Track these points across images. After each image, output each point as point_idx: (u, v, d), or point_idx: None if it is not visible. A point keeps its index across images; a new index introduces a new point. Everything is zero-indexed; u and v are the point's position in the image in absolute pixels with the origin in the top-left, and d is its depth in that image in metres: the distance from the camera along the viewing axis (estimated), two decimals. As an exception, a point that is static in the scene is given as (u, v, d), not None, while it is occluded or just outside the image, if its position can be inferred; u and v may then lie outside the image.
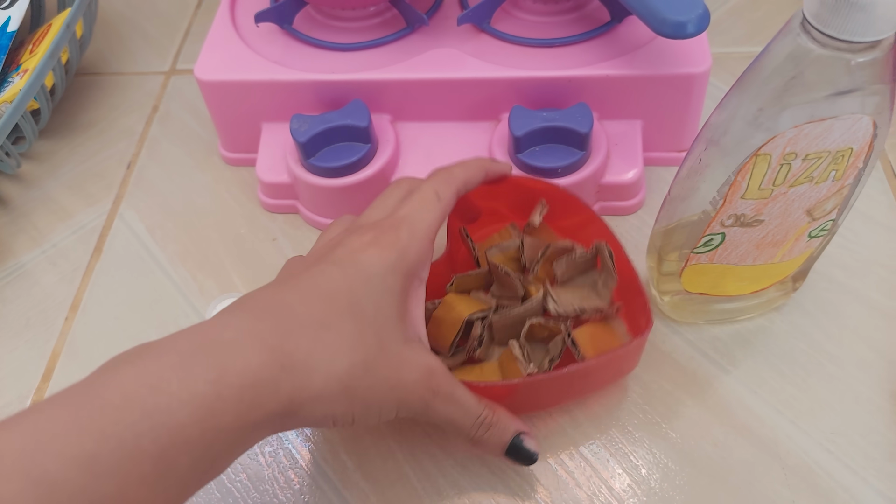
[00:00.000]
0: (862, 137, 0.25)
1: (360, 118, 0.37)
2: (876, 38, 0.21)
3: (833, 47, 0.22)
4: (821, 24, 0.22)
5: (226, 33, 0.42)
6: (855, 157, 0.26)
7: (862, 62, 0.22)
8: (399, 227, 0.27)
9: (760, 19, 0.49)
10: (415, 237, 0.27)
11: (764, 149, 0.25)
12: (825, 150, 0.25)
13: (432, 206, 0.29)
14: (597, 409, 0.33)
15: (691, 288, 0.33)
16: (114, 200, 0.44)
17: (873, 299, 0.35)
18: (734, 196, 0.27)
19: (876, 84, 0.23)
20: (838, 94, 0.23)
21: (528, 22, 0.41)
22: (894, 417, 0.32)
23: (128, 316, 0.39)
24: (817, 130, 0.24)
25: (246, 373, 0.22)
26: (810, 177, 0.26)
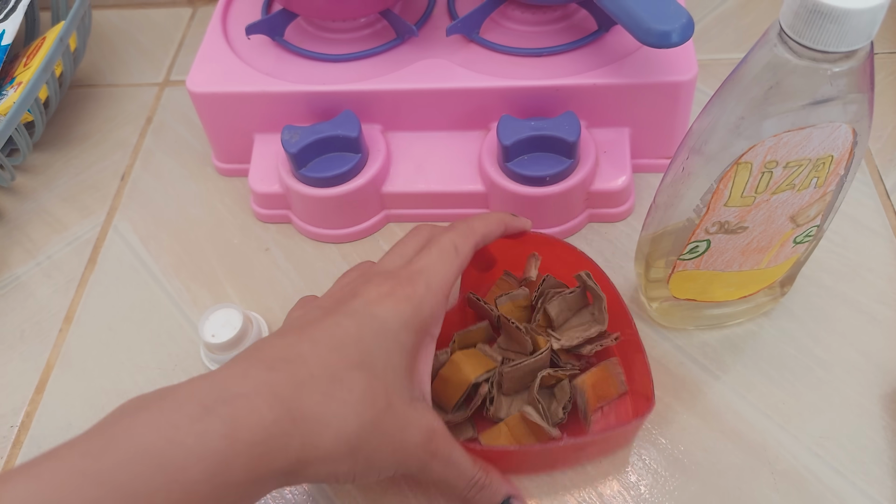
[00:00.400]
0: (842, 145, 0.25)
1: (350, 128, 0.38)
2: (850, 48, 0.22)
3: (809, 57, 0.22)
4: (796, 34, 0.22)
5: (217, 45, 0.42)
6: (836, 165, 0.26)
7: (838, 72, 0.23)
8: (416, 280, 0.27)
9: (748, 26, 0.50)
10: (431, 291, 0.27)
11: (744, 157, 0.25)
12: (805, 158, 0.25)
13: (450, 260, 0.28)
14: (587, 416, 0.33)
15: (679, 294, 0.33)
16: (108, 212, 0.45)
17: (861, 303, 0.36)
18: (717, 204, 0.27)
19: (854, 93, 0.23)
20: (816, 104, 0.23)
21: (516, 32, 0.41)
22: (882, 421, 0.32)
23: (122, 327, 0.39)
24: (797, 139, 0.24)
25: (258, 428, 0.22)
26: (792, 184, 0.26)
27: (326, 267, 0.40)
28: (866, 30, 0.21)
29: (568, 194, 0.37)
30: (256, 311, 0.38)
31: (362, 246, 0.41)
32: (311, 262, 0.40)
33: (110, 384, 0.37)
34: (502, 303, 0.34)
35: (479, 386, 0.32)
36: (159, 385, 0.36)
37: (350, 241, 0.41)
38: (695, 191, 0.27)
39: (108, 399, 0.36)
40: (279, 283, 0.40)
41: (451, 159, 0.40)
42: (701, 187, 0.27)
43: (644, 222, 0.32)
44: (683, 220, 0.29)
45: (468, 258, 0.29)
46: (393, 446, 0.25)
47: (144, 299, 0.40)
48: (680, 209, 0.29)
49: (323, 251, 0.41)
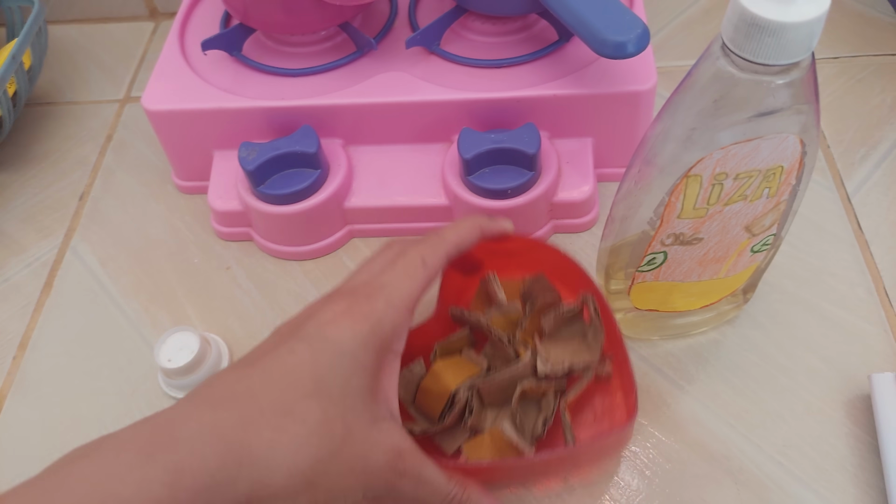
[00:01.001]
0: (791, 155, 0.25)
1: (308, 144, 0.37)
2: (790, 60, 0.22)
3: (751, 70, 0.22)
4: (737, 48, 0.22)
5: (174, 62, 0.42)
6: (787, 175, 0.26)
7: (781, 84, 0.23)
8: (375, 297, 0.26)
9: (711, 33, 0.50)
10: (391, 307, 0.26)
11: (694, 170, 0.25)
12: (755, 170, 0.25)
13: (415, 274, 0.27)
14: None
15: (641, 305, 0.33)
16: (66, 232, 0.44)
17: (824, 309, 0.36)
18: (670, 216, 0.27)
19: (799, 104, 0.23)
20: (762, 115, 0.23)
21: (476, 43, 0.41)
22: (845, 428, 0.32)
23: (79, 352, 0.38)
24: (745, 150, 0.24)
25: (202, 473, 0.21)
26: (744, 195, 0.26)
27: (289, 285, 0.40)
28: (805, 42, 0.21)
29: (530, 206, 0.37)
30: (217, 331, 0.37)
31: (325, 263, 0.40)
32: (273, 281, 0.40)
33: (67, 412, 0.36)
34: (494, 316, 0.33)
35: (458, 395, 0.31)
36: (117, 411, 0.36)
37: (313, 258, 0.41)
38: (648, 203, 0.27)
39: (64, 427, 0.35)
40: (240, 302, 0.39)
41: (414, 173, 0.40)
42: (654, 200, 0.27)
43: (602, 234, 0.32)
44: (639, 231, 0.29)
45: (437, 270, 0.28)
46: (356, 472, 0.24)
47: (102, 322, 0.39)
48: (635, 221, 0.28)
49: (285, 269, 0.40)
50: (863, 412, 0.32)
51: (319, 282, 0.40)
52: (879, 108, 0.44)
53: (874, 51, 0.48)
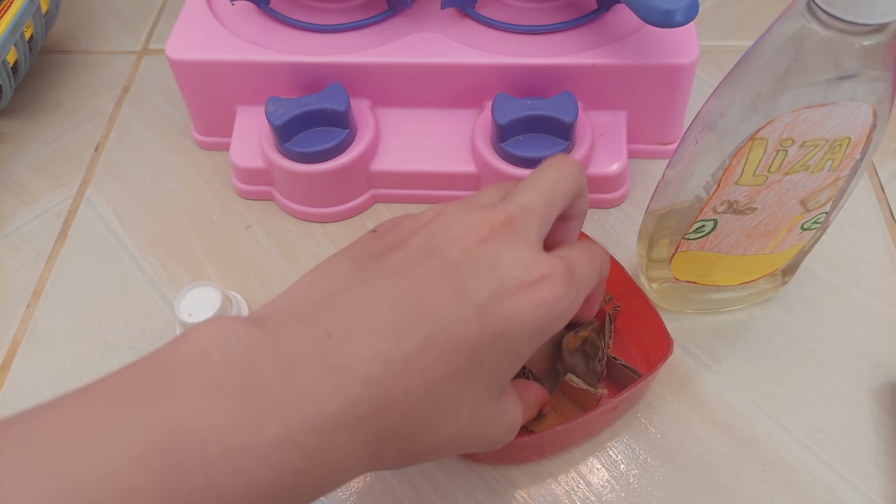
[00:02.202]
0: (861, 127, 0.24)
1: (338, 102, 0.36)
2: (881, 20, 0.21)
3: (837, 29, 0.22)
4: (826, 3, 0.21)
5: (200, 11, 0.40)
6: (852, 148, 0.25)
7: (866, 46, 0.22)
8: (568, 280, 0.21)
9: (747, 12, 0.49)
10: (576, 301, 0.22)
11: (760, 133, 0.24)
12: (822, 138, 0.24)
13: (595, 277, 0.24)
14: (577, 404, 0.32)
15: (680, 276, 0.32)
16: (80, 184, 0.43)
17: (854, 296, 0.35)
18: (728, 181, 0.27)
19: (878, 70, 0.23)
20: (839, 79, 0.23)
21: (513, 8, 0.40)
22: (872, 414, 0.32)
23: (93, 304, 0.37)
24: (815, 116, 0.24)
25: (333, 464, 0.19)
26: (806, 165, 0.26)
27: (310, 247, 0.39)
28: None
29: (562, 177, 0.36)
30: (236, 290, 0.37)
31: (348, 226, 0.40)
32: (294, 242, 0.39)
33: (80, 363, 0.35)
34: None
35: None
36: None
37: (335, 221, 0.40)
38: (705, 167, 0.27)
39: (77, 379, 0.35)
40: (260, 262, 0.38)
41: (443, 138, 0.39)
42: (712, 164, 0.26)
43: (650, 200, 0.31)
44: (692, 197, 0.28)
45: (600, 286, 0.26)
46: (461, 448, 0.23)
47: (118, 275, 0.38)
48: (689, 186, 0.28)
49: (306, 230, 0.39)
50: (890, 399, 0.32)
51: (341, 245, 0.39)
52: (915, 97, 0.44)
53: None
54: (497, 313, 0.20)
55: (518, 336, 0.21)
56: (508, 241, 0.21)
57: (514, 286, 0.20)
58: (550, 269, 0.21)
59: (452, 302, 0.20)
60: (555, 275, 0.21)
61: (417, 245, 0.22)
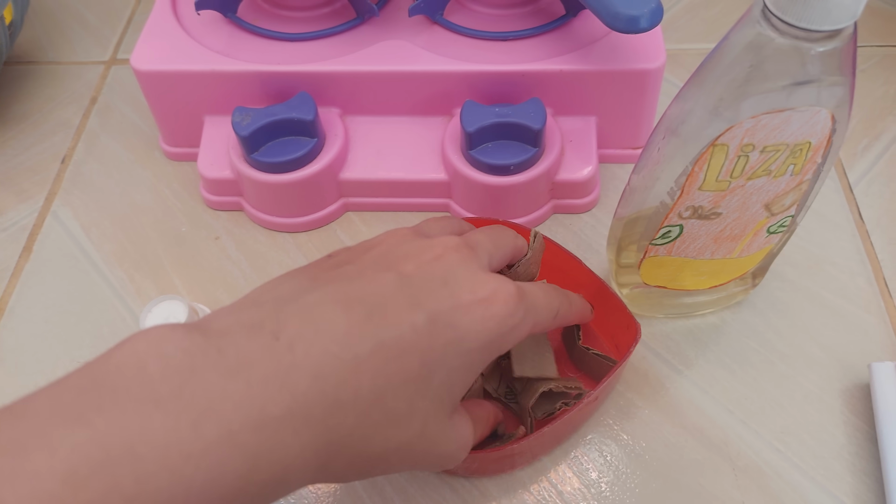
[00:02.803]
0: (820, 131, 0.25)
1: (305, 111, 0.36)
2: (833, 27, 0.21)
3: (792, 36, 0.22)
4: (780, 11, 0.21)
5: (166, 21, 0.40)
6: (813, 152, 0.25)
7: (821, 52, 0.22)
8: (522, 300, 0.22)
9: (715, 16, 0.49)
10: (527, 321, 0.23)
11: (721, 139, 0.24)
12: (783, 143, 0.25)
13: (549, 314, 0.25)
14: (548, 412, 0.32)
15: (650, 280, 0.32)
16: (46, 197, 0.42)
17: (824, 298, 0.36)
18: (692, 187, 0.27)
19: (835, 76, 0.23)
20: (797, 85, 0.23)
21: (481, 14, 0.40)
22: (843, 416, 0.32)
23: (59, 320, 0.37)
24: (775, 122, 0.24)
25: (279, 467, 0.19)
26: (768, 170, 0.26)
27: (280, 258, 0.38)
28: (851, 8, 0.21)
29: (533, 184, 0.36)
30: (205, 303, 0.36)
31: (319, 236, 0.39)
32: (264, 252, 0.39)
33: (45, 380, 0.34)
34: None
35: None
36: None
37: (306, 231, 0.39)
38: (669, 173, 0.27)
39: (42, 396, 0.34)
40: (230, 273, 0.38)
41: (413, 146, 0.39)
42: (676, 170, 0.26)
43: (617, 206, 0.31)
44: (657, 203, 0.28)
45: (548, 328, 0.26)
46: (413, 462, 0.22)
47: (84, 290, 0.38)
48: (654, 192, 0.28)
49: (276, 241, 0.39)
50: (860, 401, 0.32)
51: (312, 255, 0.38)
52: (883, 99, 0.44)
53: (879, 41, 0.47)
54: (449, 322, 0.21)
55: (469, 346, 0.21)
56: (462, 260, 0.23)
57: (466, 299, 0.21)
58: (502, 286, 0.22)
59: (405, 310, 0.20)
60: (506, 292, 0.22)
61: (371, 260, 0.22)
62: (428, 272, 0.22)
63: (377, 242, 0.24)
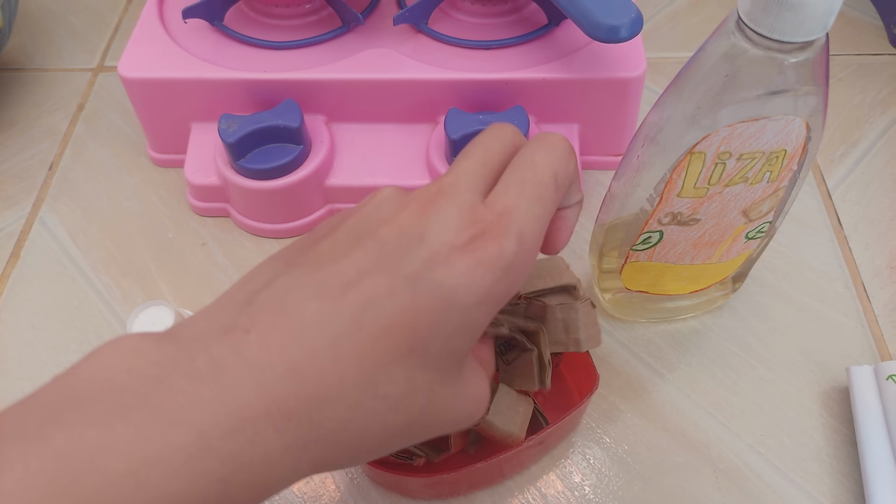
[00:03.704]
0: (795, 139, 0.25)
1: (291, 118, 0.36)
2: (805, 38, 0.22)
3: (765, 47, 0.22)
4: (753, 22, 0.22)
5: (153, 29, 0.40)
6: (789, 160, 0.26)
7: (794, 62, 0.23)
8: (504, 231, 0.19)
9: (697, 25, 0.50)
10: (523, 248, 0.19)
11: (698, 147, 0.25)
12: (759, 151, 0.25)
13: (547, 199, 0.20)
14: (532, 416, 0.33)
15: (631, 286, 0.33)
16: (34, 203, 0.42)
17: (803, 302, 0.36)
18: (670, 194, 0.27)
19: (808, 85, 0.23)
20: (771, 94, 0.23)
21: (465, 23, 0.40)
22: (821, 419, 0.32)
23: (45, 326, 0.37)
24: (750, 130, 0.24)
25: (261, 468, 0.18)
26: (745, 177, 0.26)
27: (267, 263, 0.38)
28: (822, 20, 0.21)
29: (516, 190, 0.37)
30: (191, 309, 0.36)
31: (305, 241, 0.39)
32: (251, 258, 0.39)
33: (31, 387, 0.34)
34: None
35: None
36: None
37: (292, 237, 0.40)
38: (649, 180, 0.27)
39: (27, 403, 0.34)
40: (216, 279, 0.38)
41: (398, 153, 0.39)
42: (655, 177, 0.27)
43: (598, 212, 0.32)
44: (637, 209, 0.29)
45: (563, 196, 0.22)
46: (424, 435, 0.20)
47: (71, 296, 0.38)
48: (634, 199, 0.28)
49: (263, 247, 0.39)
50: (839, 404, 0.33)
51: (298, 261, 0.39)
52: (859, 107, 0.45)
53: (855, 50, 0.48)
54: (432, 282, 0.18)
55: (464, 304, 0.18)
56: (438, 208, 0.19)
57: (444, 251, 0.18)
58: (480, 225, 0.19)
59: (381, 279, 0.18)
60: (486, 231, 0.19)
61: (346, 231, 0.20)
62: (404, 232, 0.19)
63: (357, 208, 0.21)
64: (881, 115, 0.44)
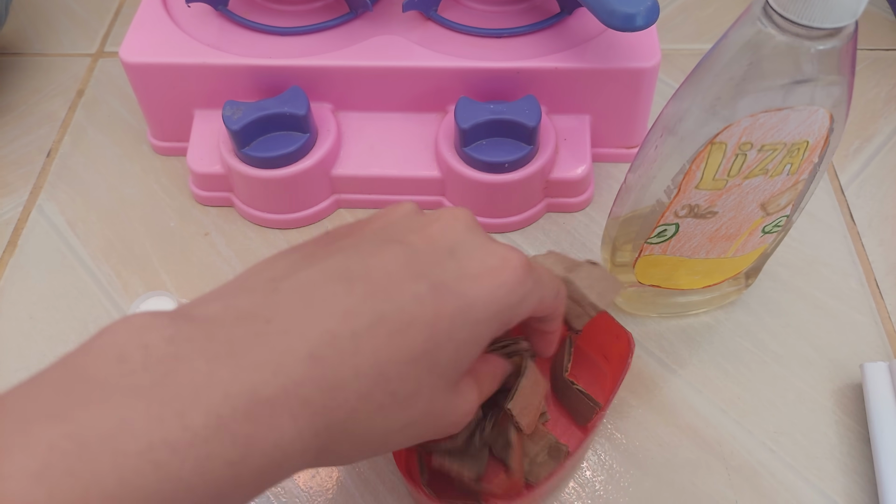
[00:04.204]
0: (818, 131, 0.24)
1: (298, 106, 0.35)
2: (835, 24, 0.21)
3: (793, 33, 0.22)
4: (782, 7, 0.21)
5: (155, 13, 0.39)
6: (810, 152, 0.25)
7: (821, 50, 0.22)
8: (530, 267, 0.22)
9: (709, 17, 0.49)
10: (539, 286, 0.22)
11: (719, 137, 0.24)
12: (780, 142, 0.24)
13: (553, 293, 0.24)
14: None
15: (644, 280, 0.32)
16: (31, 191, 0.41)
17: (816, 298, 0.36)
18: (688, 186, 0.26)
19: (834, 75, 0.23)
20: (796, 83, 0.23)
21: (476, 11, 0.40)
22: (835, 416, 0.32)
23: (44, 316, 0.36)
24: (773, 120, 0.24)
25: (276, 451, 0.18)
26: (765, 169, 0.26)
27: (270, 254, 0.38)
28: (853, 6, 0.21)
29: (526, 182, 0.36)
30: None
31: (310, 232, 0.39)
32: (255, 249, 0.38)
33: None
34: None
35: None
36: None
37: (297, 227, 0.39)
38: (666, 172, 0.26)
39: (26, 394, 0.33)
40: (219, 270, 0.37)
41: (406, 142, 0.38)
42: (673, 168, 0.26)
43: (612, 205, 0.31)
44: (653, 202, 0.28)
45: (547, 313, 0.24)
46: (417, 437, 0.21)
47: (70, 286, 0.37)
48: (650, 191, 0.28)
49: (267, 237, 0.39)
50: (852, 401, 0.32)
51: (303, 252, 0.38)
52: (874, 101, 0.44)
53: (869, 45, 0.48)
54: (455, 292, 0.20)
55: (477, 317, 0.20)
56: (469, 230, 0.22)
57: (473, 268, 0.20)
58: (511, 255, 0.21)
59: (408, 282, 0.19)
60: (515, 259, 0.21)
61: (372, 234, 0.21)
62: (434, 243, 0.21)
63: (379, 216, 0.23)
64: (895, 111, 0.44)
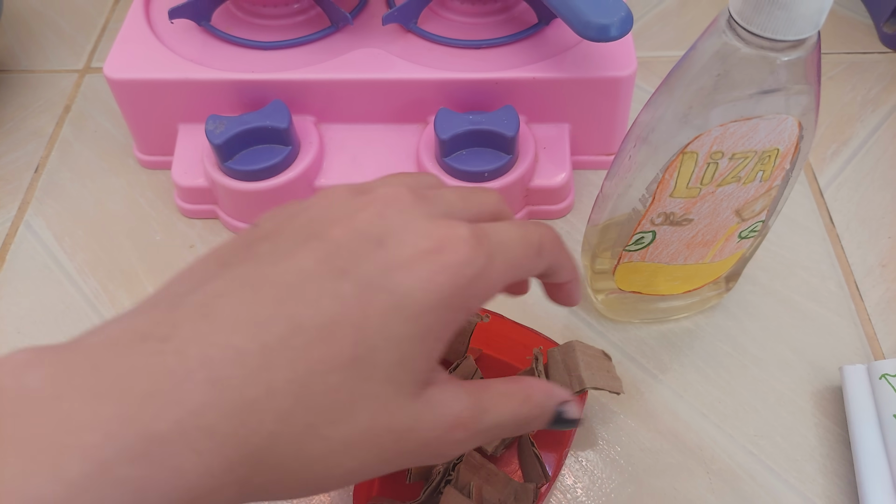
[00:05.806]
0: (788, 138, 0.25)
1: (279, 119, 0.36)
2: (797, 36, 0.22)
3: (757, 45, 0.22)
4: (745, 21, 0.22)
5: (139, 29, 0.40)
6: (782, 159, 0.26)
7: (786, 61, 0.22)
8: (479, 247, 0.18)
9: (687, 24, 0.50)
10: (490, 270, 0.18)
11: (690, 146, 0.25)
12: (751, 150, 0.25)
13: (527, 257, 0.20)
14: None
15: (624, 286, 0.33)
16: (19, 206, 0.41)
17: (795, 301, 0.36)
18: (663, 194, 0.27)
19: (800, 84, 0.23)
20: (763, 93, 0.23)
21: (455, 23, 0.40)
22: (814, 419, 0.32)
23: (32, 330, 0.36)
24: (743, 129, 0.24)
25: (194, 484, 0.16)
26: (737, 177, 0.26)
27: (256, 265, 0.38)
28: (814, 18, 0.21)
29: (507, 191, 0.36)
30: (179, 312, 0.36)
31: (294, 243, 0.39)
32: (240, 261, 0.38)
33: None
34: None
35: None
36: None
37: (281, 239, 0.39)
38: (641, 181, 0.27)
39: (12, 409, 0.33)
40: (204, 282, 0.37)
41: (388, 153, 0.39)
42: (647, 177, 0.27)
43: (591, 213, 0.32)
44: (629, 210, 0.28)
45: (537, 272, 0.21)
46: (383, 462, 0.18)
47: (58, 300, 0.37)
48: (626, 199, 0.28)
49: (252, 249, 0.39)
50: (832, 403, 0.33)
51: (288, 263, 0.38)
52: (850, 105, 0.45)
53: (846, 49, 0.48)
54: (384, 287, 0.17)
55: (416, 309, 0.17)
56: (402, 212, 0.18)
57: (406, 255, 0.17)
58: (449, 231, 0.18)
59: (327, 282, 0.17)
60: (457, 237, 0.18)
61: (293, 230, 0.18)
62: (359, 234, 0.18)
63: (309, 206, 0.19)
64: (872, 113, 0.44)
